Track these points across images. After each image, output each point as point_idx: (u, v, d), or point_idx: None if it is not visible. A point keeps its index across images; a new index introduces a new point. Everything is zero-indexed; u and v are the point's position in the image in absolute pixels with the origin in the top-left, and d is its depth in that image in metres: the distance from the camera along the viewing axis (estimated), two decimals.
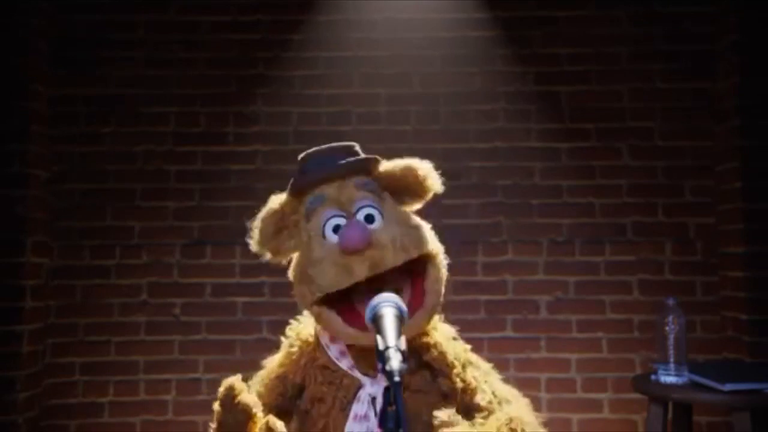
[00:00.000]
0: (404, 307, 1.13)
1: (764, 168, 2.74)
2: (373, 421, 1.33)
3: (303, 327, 1.55)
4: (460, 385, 1.41)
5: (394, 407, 0.91)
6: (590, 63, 2.99)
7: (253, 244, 1.45)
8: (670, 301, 2.19)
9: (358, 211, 1.41)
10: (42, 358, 2.82)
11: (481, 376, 1.48)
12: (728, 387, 1.99)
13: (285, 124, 2.99)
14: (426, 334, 1.47)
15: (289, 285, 1.50)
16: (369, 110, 3.00)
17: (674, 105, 2.97)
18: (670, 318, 2.15)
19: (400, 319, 1.10)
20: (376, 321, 1.09)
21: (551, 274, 2.92)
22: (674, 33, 2.99)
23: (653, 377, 2.19)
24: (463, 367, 1.45)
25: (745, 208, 2.73)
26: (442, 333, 1.53)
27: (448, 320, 1.61)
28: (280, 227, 1.44)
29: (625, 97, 2.98)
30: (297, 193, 1.47)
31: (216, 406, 1.34)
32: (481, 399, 1.40)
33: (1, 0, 2.74)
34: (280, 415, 1.39)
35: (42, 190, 2.84)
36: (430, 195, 1.49)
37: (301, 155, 1.53)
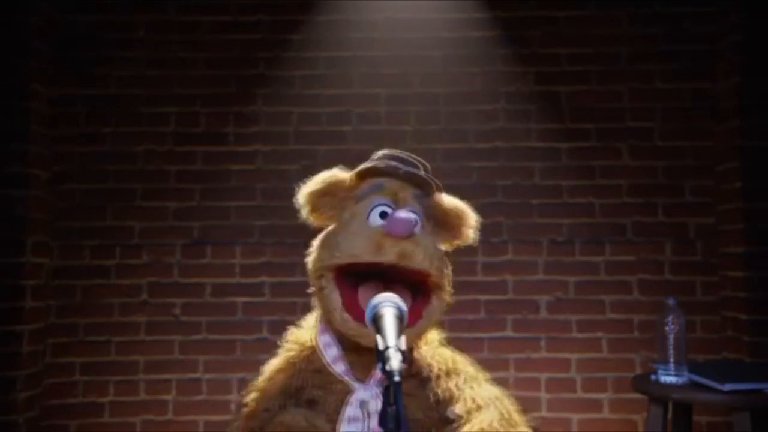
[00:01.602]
0: (404, 307, 1.13)
1: (764, 168, 2.74)
2: (364, 424, 1.38)
3: (302, 332, 1.59)
4: (441, 395, 1.46)
5: (394, 407, 0.91)
6: (590, 63, 2.99)
7: (300, 195, 1.52)
8: (670, 301, 2.19)
9: (406, 212, 1.46)
10: (42, 358, 2.82)
11: (466, 382, 1.54)
12: (728, 387, 1.99)
13: (285, 124, 2.99)
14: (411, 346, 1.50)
15: (289, 285, 1.52)
16: (369, 110, 3.00)
17: (674, 105, 2.97)
18: (670, 318, 2.15)
19: (400, 319, 1.10)
20: (376, 320, 1.09)
21: (551, 274, 2.92)
22: (674, 33, 2.99)
23: (653, 377, 2.19)
24: (447, 375, 1.51)
25: (745, 208, 2.73)
26: (427, 339, 1.59)
27: (449, 320, 1.63)
28: (330, 192, 1.51)
29: (625, 97, 2.98)
30: (361, 176, 1.54)
31: None
32: (458, 408, 1.44)
33: (1, 0, 2.74)
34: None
35: (42, 190, 2.84)
36: (460, 242, 1.60)
37: (380, 151, 1.60)
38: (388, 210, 1.46)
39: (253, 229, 2.93)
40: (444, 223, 1.56)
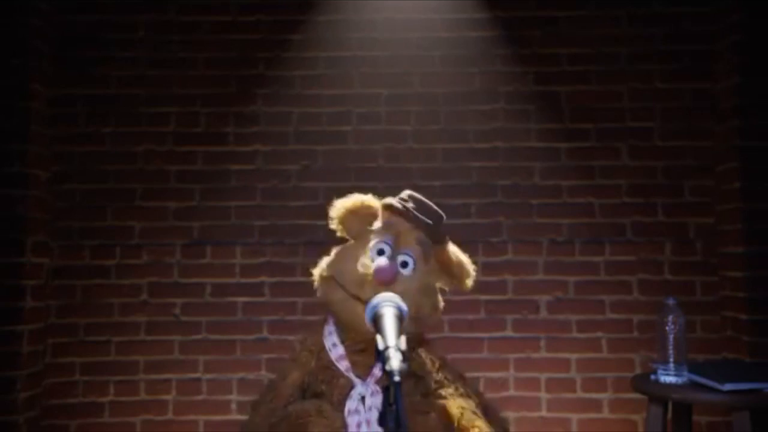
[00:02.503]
0: (404, 307, 1.13)
1: (764, 168, 2.74)
2: (363, 415, 1.60)
3: (306, 337, 1.81)
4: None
5: (394, 407, 0.91)
6: (590, 63, 2.99)
7: (334, 208, 1.78)
8: (670, 301, 2.19)
9: (401, 254, 1.70)
10: (42, 358, 2.82)
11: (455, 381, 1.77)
12: (728, 387, 1.99)
13: (285, 124, 2.99)
14: None
15: (289, 285, 1.55)
16: (369, 110, 3.00)
17: (674, 105, 2.97)
18: (670, 318, 2.15)
19: (400, 318, 1.10)
20: (377, 320, 1.09)
21: (551, 274, 2.92)
22: (674, 33, 2.99)
23: (653, 377, 2.19)
24: (439, 369, 1.74)
25: (744, 208, 2.73)
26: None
27: (449, 320, 1.72)
28: (361, 214, 1.76)
29: (625, 97, 2.98)
30: (385, 209, 1.78)
31: None
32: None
33: (1, 0, 2.74)
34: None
35: (42, 190, 2.84)
36: (457, 287, 1.79)
37: (410, 192, 1.81)
38: (386, 249, 1.68)
39: (253, 229, 2.93)
40: (446, 269, 1.76)
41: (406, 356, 0.98)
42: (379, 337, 1.02)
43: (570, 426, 2.84)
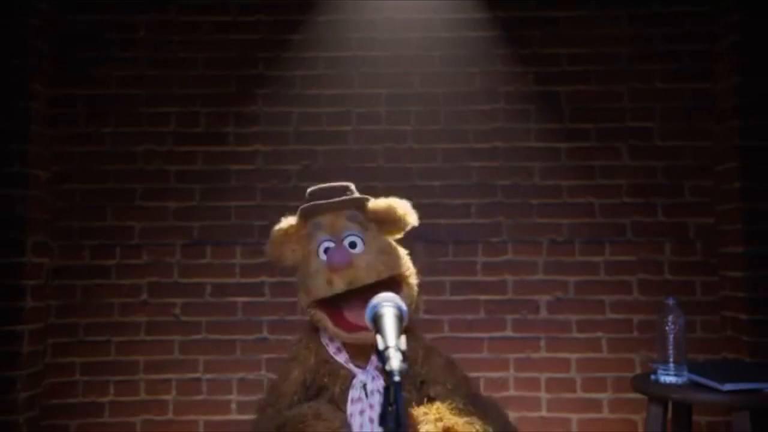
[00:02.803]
0: (404, 307, 1.13)
1: (764, 168, 2.74)
2: (366, 402, 1.68)
3: (302, 336, 1.85)
4: (425, 376, 1.77)
5: (394, 407, 0.91)
6: (590, 63, 2.99)
7: (267, 254, 1.84)
8: (670, 301, 2.19)
9: (345, 237, 1.76)
10: (42, 358, 2.82)
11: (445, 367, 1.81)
12: (728, 387, 1.99)
13: (285, 124, 2.99)
14: None
15: (288, 285, 1.55)
16: (369, 110, 3.00)
17: (674, 105, 2.97)
18: (670, 318, 2.14)
19: (400, 318, 1.10)
20: (376, 320, 1.09)
21: (551, 274, 2.92)
22: (674, 33, 2.99)
23: (653, 377, 2.19)
24: (426, 357, 1.80)
25: (744, 208, 2.73)
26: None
27: (449, 320, 1.71)
28: (284, 242, 1.80)
29: (625, 97, 2.98)
30: (303, 218, 1.82)
31: None
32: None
33: (1, 0, 2.74)
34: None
35: (42, 190, 2.85)
36: (408, 228, 1.83)
37: (309, 189, 1.88)
38: (330, 244, 1.75)
39: (253, 229, 2.93)
40: (385, 220, 1.80)
41: (406, 356, 0.98)
42: (379, 337, 1.02)
43: (570, 426, 2.84)
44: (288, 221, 1.83)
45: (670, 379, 2.13)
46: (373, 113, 3.00)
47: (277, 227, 1.82)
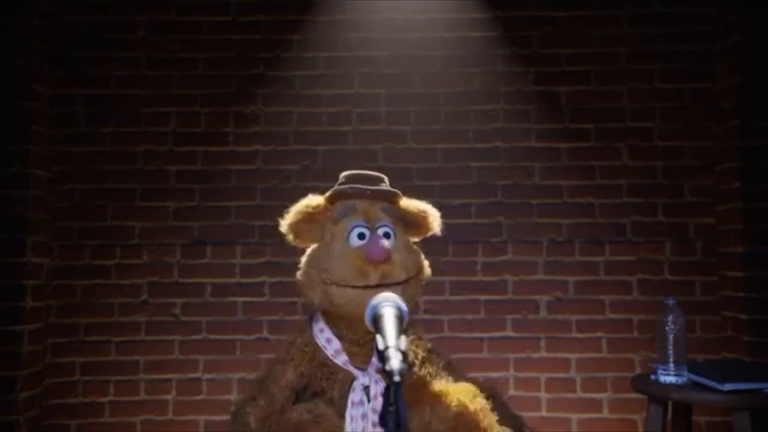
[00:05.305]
0: (404, 307, 1.13)
1: (764, 168, 2.74)
2: (368, 406, 1.61)
3: (297, 337, 1.78)
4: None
5: (394, 407, 0.91)
6: (590, 63, 2.99)
7: (283, 225, 1.76)
8: (670, 301, 2.19)
9: (379, 227, 1.70)
10: (42, 358, 2.82)
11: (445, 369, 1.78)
12: (728, 387, 1.99)
13: (285, 124, 2.99)
14: None
15: (289, 285, 1.54)
16: (369, 110, 3.00)
17: (674, 105, 2.97)
18: (670, 318, 2.14)
19: (400, 318, 1.10)
20: (376, 320, 1.09)
21: (551, 274, 2.92)
22: (674, 33, 2.99)
23: (653, 377, 2.19)
24: (425, 360, 1.75)
25: (744, 208, 2.73)
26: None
27: (449, 320, 1.70)
28: (308, 219, 1.73)
29: (625, 97, 2.98)
30: (332, 199, 1.76)
31: None
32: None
33: (1, 0, 2.74)
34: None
35: (42, 190, 2.85)
36: (428, 234, 1.81)
37: (345, 173, 1.81)
38: (365, 230, 1.69)
39: (253, 229, 2.93)
40: (412, 222, 1.78)
41: (406, 356, 0.98)
42: (379, 337, 1.02)
43: (570, 426, 2.84)
44: (315, 199, 1.76)
45: (670, 379, 2.13)
46: (373, 113, 3.00)
47: (304, 202, 1.75)
